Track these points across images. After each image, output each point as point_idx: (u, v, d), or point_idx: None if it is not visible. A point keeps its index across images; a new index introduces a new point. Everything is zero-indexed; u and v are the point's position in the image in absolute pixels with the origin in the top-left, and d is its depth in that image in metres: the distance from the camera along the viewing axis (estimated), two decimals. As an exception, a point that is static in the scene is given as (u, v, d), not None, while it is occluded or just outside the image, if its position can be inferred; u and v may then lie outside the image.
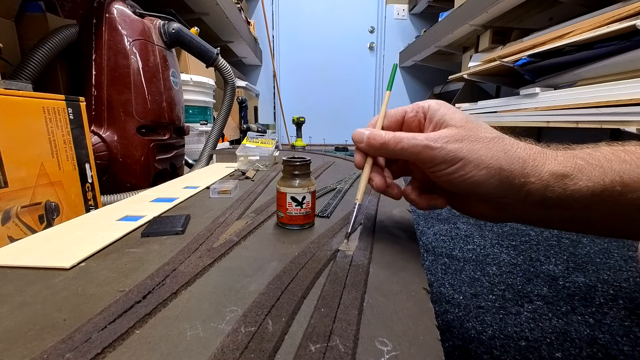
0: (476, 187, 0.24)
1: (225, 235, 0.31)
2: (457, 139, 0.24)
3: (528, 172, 0.23)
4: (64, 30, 0.66)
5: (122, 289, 0.22)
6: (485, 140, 0.24)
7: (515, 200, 0.24)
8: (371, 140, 0.27)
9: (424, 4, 3.14)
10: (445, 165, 0.24)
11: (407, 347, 0.17)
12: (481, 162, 0.23)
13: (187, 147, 1.03)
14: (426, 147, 0.24)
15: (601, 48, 1.13)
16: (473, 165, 0.23)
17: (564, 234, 0.93)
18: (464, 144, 0.24)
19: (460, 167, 0.24)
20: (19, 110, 0.42)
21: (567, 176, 0.23)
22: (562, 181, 0.23)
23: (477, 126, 0.25)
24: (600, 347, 0.49)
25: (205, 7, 1.83)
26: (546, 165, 0.23)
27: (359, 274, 0.24)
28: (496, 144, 0.24)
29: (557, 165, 0.23)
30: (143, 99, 0.70)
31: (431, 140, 0.24)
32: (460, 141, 0.24)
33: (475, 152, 0.23)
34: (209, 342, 0.17)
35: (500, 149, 0.23)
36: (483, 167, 0.23)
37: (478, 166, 0.23)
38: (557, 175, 0.23)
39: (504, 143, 0.24)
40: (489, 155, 0.23)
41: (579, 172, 0.22)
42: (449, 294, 0.63)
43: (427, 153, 0.24)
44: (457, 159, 0.24)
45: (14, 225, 0.41)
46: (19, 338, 0.17)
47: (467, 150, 0.24)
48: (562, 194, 0.23)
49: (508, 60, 1.52)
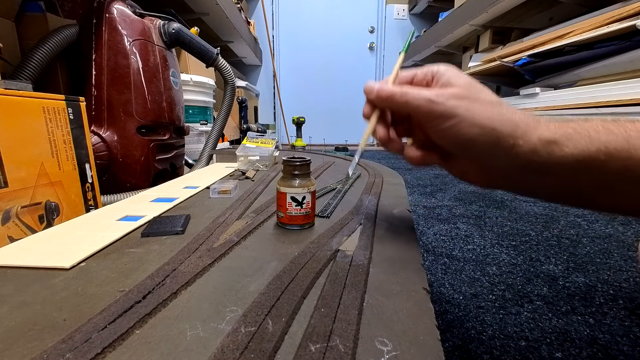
0: (468, 145, 0.26)
1: (225, 235, 0.31)
2: (457, 97, 0.25)
3: (518, 134, 0.24)
4: (64, 30, 0.66)
5: (122, 289, 0.22)
6: (485, 102, 0.25)
7: (502, 162, 0.26)
8: (380, 92, 0.28)
9: (424, 4, 3.14)
10: (442, 120, 0.26)
11: (407, 347, 0.17)
12: (476, 121, 0.25)
13: (187, 147, 1.03)
14: (428, 101, 0.26)
15: (601, 48, 1.13)
16: (468, 122, 0.25)
17: (564, 234, 0.93)
18: (463, 102, 0.25)
19: (456, 123, 0.25)
20: (19, 110, 0.42)
21: (555, 142, 0.24)
22: (549, 147, 0.24)
23: (479, 89, 0.26)
24: (600, 347, 0.49)
25: (205, 7, 1.83)
26: (537, 131, 0.24)
27: (359, 274, 0.24)
28: (494, 107, 0.25)
29: (547, 131, 0.24)
30: (143, 99, 0.70)
31: (434, 96, 0.26)
32: (460, 99, 0.25)
33: (471, 111, 0.25)
34: (209, 342, 0.17)
35: (497, 112, 0.25)
36: (477, 125, 0.25)
37: (472, 124, 0.25)
38: (545, 141, 0.24)
39: (501, 107, 0.25)
40: (484, 116, 0.25)
41: (566, 140, 0.24)
42: (449, 294, 0.63)
43: (427, 107, 0.26)
44: (454, 115, 0.25)
45: (14, 225, 0.41)
46: (19, 338, 0.17)
47: (465, 108, 0.25)
48: (548, 160, 0.24)
49: (508, 60, 1.52)
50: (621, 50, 1.08)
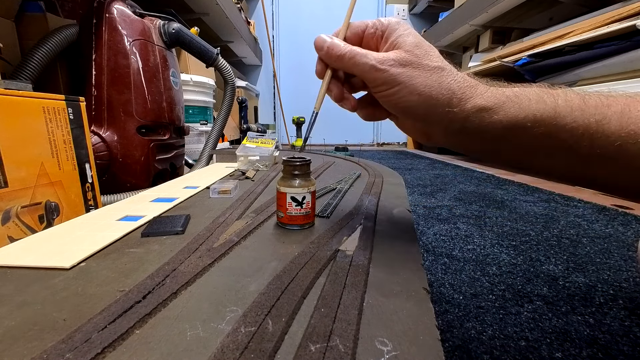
0: (407, 110, 0.27)
1: (225, 235, 0.31)
2: (401, 64, 0.26)
3: (453, 103, 0.26)
4: (64, 30, 0.66)
5: (122, 289, 0.22)
6: (426, 69, 0.26)
7: (439, 126, 0.28)
8: (330, 50, 0.29)
9: (424, 4, 3.15)
10: (385, 87, 0.27)
11: (407, 347, 0.17)
12: (415, 89, 0.26)
13: (187, 147, 1.03)
14: (372, 68, 0.27)
15: (601, 48, 1.13)
16: (408, 90, 0.26)
17: (564, 234, 0.93)
18: (405, 70, 0.26)
19: (397, 90, 0.26)
20: (19, 110, 0.42)
21: (486, 109, 0.25)
22: (480, 114, 0.26)
23: (424, 53, 0.27)
24: (600, 347, 0.49)
25: (205, 7, 1.83)
26: (471, 100, 0.26)
27: (359, 274, 0.24)
28: (434, 74, 0.26)
29: (481, 100, 0.26)
30: (143, 99, 0.70)
31: (378, 62, 0.26)
32: (403, 66, 0.26)
33: (412, 79, 0.26)
34: (209, 342, 0.17)
35: (436, 79, 0.26)
36: (416, 93, 0.26)
37: (411, 92, 0.26)
38: (477, 108, 0.26)
39: (441, 74, 0.26)
40: (423, 84, 0.26)
41: (498, 108, 0.25)
42: (449, 294, 0.63)
43: (372, 73, 0.27)
44: (396, 83, 0.26)
45: (14, 225, 0.41)
46: (19, 338, 0.17)
47: (406, 77, 0.26)
48: (479, 125, 0.26)
49: (508, 60, 1.52)
50: (621, 50, 1.08)
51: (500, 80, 0.29)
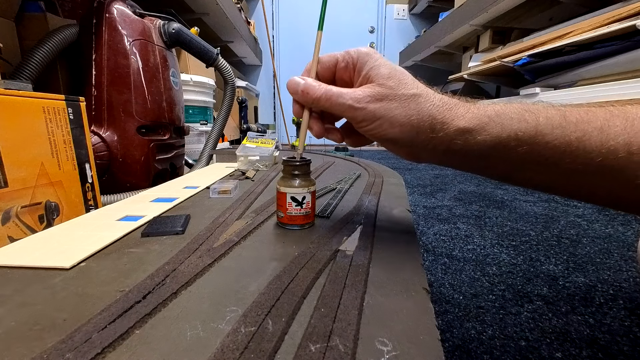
0: (392, 141, 0.28)
1: (225, 235, 0.31)
2: (377, 99, 0.27)
3: (437, 128, 0.26)
4: (64, 30, 0.66)
5: (122, 289, 0.22)
6: (403, 99, 0.27)
7: (424, 149, 0.28)
8: (304, 94, 0.29)
9: (424, 4, 3.14)
10: (365, 123, 0.27)
11: (407, 347, 0.17)
12: (395, 121, 0.27)
13: (187, 147, 1.03)
14: (350, 107, 0.27)
15: (601, 48, 1.13)
16: (388, 124, 0.27)
17: (564, 234, 0.93)
18: (382, 104, 0.27)
19: (378, 124, 0.27)
20: (19, 110, 0.42)
21: (469, 131, 0.26)
22: (464, 136, 0.26)
23: (398, 82, 0.27)
24: (600, 347, 0.49)
25: (205, 7, 1.83)
26: (453, 122, 0.26)
27: (359, 274, 0.24)
28: (411, 102, 0.27)
29: (463, 121, 0.26)
30: (143, 99, 0.70)
31: (355, 101, 0.27)
32: (380, 100, 0.27)
33: (390, 112, 0.26)
34: (209, 342, 0.17)
35: (414, 108, 0.26)
36: (397, 125, 0.27)
37: (392, 125, 0.27)
38: (460, 131, 0.26)
39: (418, 101, 0.27)
40: (402, 114, 0.26)
41: (481, 129, 0.26)
42: (449, 294, 0.63)
43: (351, 112, 0.27)
44: (375, 118, 0.27)
45: (14, 225, 0.41)
46: (19, 338, 0.17)
47: (384, 110, 0.27)
48: (464, 146, 0.26)
49: (508, 60, 1.52)
50: (621, 50, 1.08)
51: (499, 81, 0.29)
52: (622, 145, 0.22)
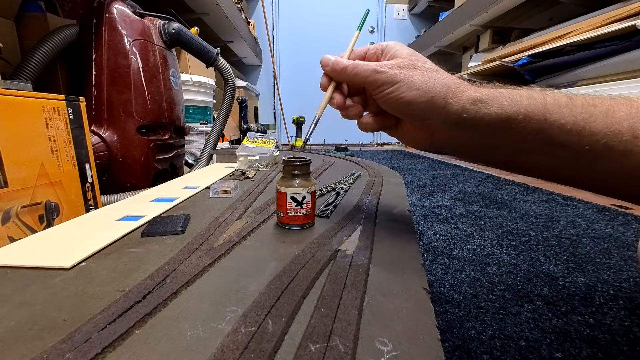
0: (407, 106, 0.29)
1: (225, 235, 0.31)
2: (399, 66, 0.29)
3: (450, 95, 0.28)
4: (64, 30, 0.66)
5: (122, 289, 0.22)
6: (422, 69, 0.29)
7: (437, 120, 0.29)
8: (334, 64, 0.32)
9: (424, 4, 3.14)
10: (385, 86, 0.29)
11: (407, 347, 0.17)
12: (413, 85, 0.28)
13: (187, 147, 1.03)
14: (373, 71, 0.30)
15: (601, 48, 1.13)
16: (406, 87, 0.29)
17: (564, 234, 0.93)
18: (403, 70, 0.29)
19: (397, 87, 0.29)
20: (19, 110, 0.42)
21: (482, 101, 0.27)
22: (476, 105, 0.27)
23: (419, 59, 0.30)
24: (600, 347, 0.49)
25: (205, 7, 1.83)
26: (467, 92, 0.28)
27: (359, 274, 0.24)
28: (429, 73, 0.29)
29: (475, 92, 0.28)
30: (143, 99, 0.70)
31: (379, 66, 0.30)
32: (401, 68, 0.29)
33: (410, 77, 0.29)
34: (209, 342, 0.17)
35: (432, 77, 0.29)
36: (414, 88, 0.28)
37: (410, 88, 0.29)
38: (473, 100, 0.27)
39: (436, 73, 0.29)
40: (420, 80, 0.29)
41: (492, 100, 0.27)
42: (449, 294, 0.63)
43: (373, 76, 0.30)
44: (395, 81, 0.29)
45: (14, 225, 0.41)
46: (19, 338, 0.17)
47: (404, 75, 0.29)
48: (475, 116, 0.27)
49: (508, 60, 1.52)
50: (621, 50, 1.08)
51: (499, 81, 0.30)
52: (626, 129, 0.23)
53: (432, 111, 0.29)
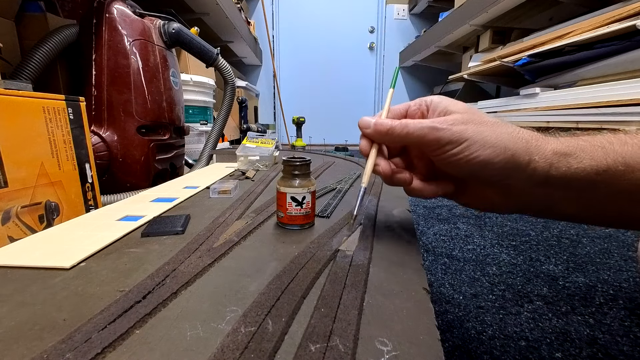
0: (482, 168, 0.25)
1: (225, 235, 0.31)
2: (461, 122, 0.25)
3: (532, 150, 0.24)
4: (64, 30, 0.66)
5: (122, 289, 0.22)
6: (489, 124, 0.25)
7: (520, 180, 0.25)
8: (378, 126, 0.28)
9: (424, 4, 3.14)
10: (452, 146, 0.25)
11: (407, 347, 0.17)
12: (487, 142, 0.24)
13: (187, 147, 1.03)
14: (432, 129, 0.25)
15: (601, 48, 1.13)
16: (479, 144, 0.24)
17: (564, 234, 0.93)
18: (469, 126, 0.25)
19: (466, 146, 0.24)
20: (19, 110, 0.42)
21: (570, 155, 0.23)
22: (565, 159, 0.23)
23: (479, 112, 0.26)
24: (600, 347, 0.49)
25: (205, 7, 1.83)
26: (549, 145, 0.24)
27: (359, 274, 0.24)
28: (500, 127, 0.25)
29: (559, 145, 0.24)
30: (143, 99, 0.70)
31: (437, 123, 0.25)
32: (465, 123, 0.25)
33: (480, 133, 0.24)
34: (209, 342, 0.17)
35: (504, 131, 0.24)
36: (489, 146, 0.24)
37: (484, 145, 0.24)
38: (560, 154, 0.23)
39: (507, 126, 0.25)
40: (493, 136, 0.24)
41: (581, 152, 0.23)
42: (449, 294, 0.63)
43: (433, 135, 0.25)
44: (463, 138, 0.24)
45: (14, 225, 0.41)
46: (19, 338, 0.17)
47: (473, 131, 0.24)
48: (567, 172, 0.23)
49: (508, 60, 1.52)
50: (621, 50, 1.08)
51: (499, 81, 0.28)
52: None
53: (513, 171, 0.24)
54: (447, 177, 0.29)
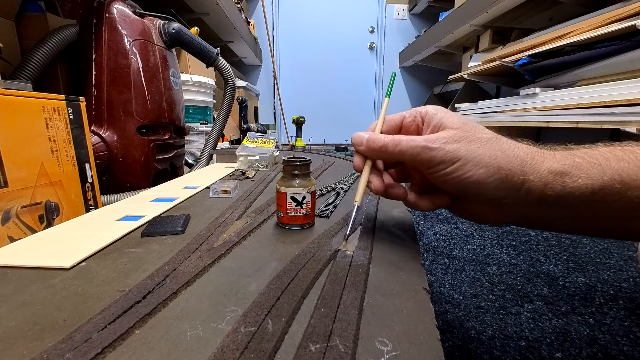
0: (475, 187, 0.24)
1: (225, 235, 0.31)
2: (455, 140, 0.24)
3: (527, 170, 0.23)
4: (64, 30, 0.66)
5: (122, 289, 0.22)
6: (483, 141, 0.24)
7: (515, 199, 0.24)
8: (370, 143, 0.27)
9: (424, 4, 3.14)
10: (444, 165, 0.24)
11: (407, 347, 0.17)
12: (480, 161, 0.23)
13: (187, 147, 1.03)
14: (425, 148, 0.24)
15: (601, 48, 1.13)
16: (472, 164, 0.23)
17: (564, 234, 0.93)
18: (462, 144, 0.24)
19: (459, 166, 0.24)
20: (19, 110, 0.42)
21: (566, 174, 0.23)
22: (561, 179, 0.23)
23: (474, 128, 0.25)
24: (600, 347, 0.49)
25: (205, 7, 1.83)
26: (544, 163, 0.23)
27: (359, 274, 0.24)
28: (494, 144, 0.24)
29: (555, 163, 0.23)
30: (143, 99, 0.70)
31: (429, 141, 0.24)
32: (458, 141, 0.24)
33: (473, 152, 0.24)
34: (209, 342, 0.17)
35: (498, 148, 0.24)
36: (482, 165, 0.23)
37: (477, 165, 0.23)
38: (555, 173, 0.23)
39: (501, 143, 0.24)
40: (487, 154, 0.23)
41: (577, 170, 0.23)
42: (449, 294, 0.63)
43: (425, 154, 0.24)
44: (456, 158, 0.24)
45: (14, 225, 0.41)
46: (19, 338, 0.17)
47: (466, 150, 0.24)
48: (562, 192, 0.23)
49: (508, 60, 1.52)
50: (621, 50, 1.08)
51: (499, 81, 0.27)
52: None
53: (508, 190, 0.24)
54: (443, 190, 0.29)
